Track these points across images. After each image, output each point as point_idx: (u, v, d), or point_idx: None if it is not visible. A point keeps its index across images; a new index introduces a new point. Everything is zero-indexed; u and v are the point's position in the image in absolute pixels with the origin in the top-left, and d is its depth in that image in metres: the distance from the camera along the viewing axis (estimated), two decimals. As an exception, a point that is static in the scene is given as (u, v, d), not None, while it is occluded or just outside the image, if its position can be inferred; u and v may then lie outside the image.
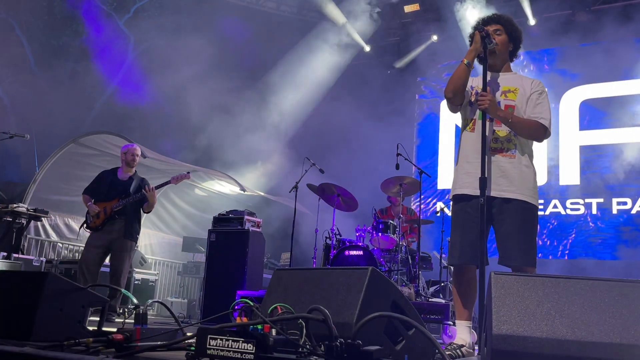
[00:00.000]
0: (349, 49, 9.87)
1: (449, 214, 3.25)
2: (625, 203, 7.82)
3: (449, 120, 9.20)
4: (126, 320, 2.18)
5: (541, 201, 8.19)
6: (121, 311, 5.15)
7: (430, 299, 5.21)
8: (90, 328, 2.25)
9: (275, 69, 9.63)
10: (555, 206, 8.27)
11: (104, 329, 2.23)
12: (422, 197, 5.86)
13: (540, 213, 2.92)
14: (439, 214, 6.76)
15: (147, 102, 9.21)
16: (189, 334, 1.97)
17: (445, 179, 9.00)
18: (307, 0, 9.89)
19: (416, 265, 5.57)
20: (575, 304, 1.85)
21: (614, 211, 7.87)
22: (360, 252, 5.45)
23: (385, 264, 5.59)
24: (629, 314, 1.78)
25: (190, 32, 8.71)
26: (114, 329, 1.97)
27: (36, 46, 9.28)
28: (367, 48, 10.15)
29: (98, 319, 2.33)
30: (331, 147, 8.93)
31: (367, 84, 9.71)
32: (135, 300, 2.33)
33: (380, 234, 5.72)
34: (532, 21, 8.60)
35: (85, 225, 5.17)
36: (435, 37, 9.49)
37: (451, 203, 2.97)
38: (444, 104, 6.64)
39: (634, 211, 7.75)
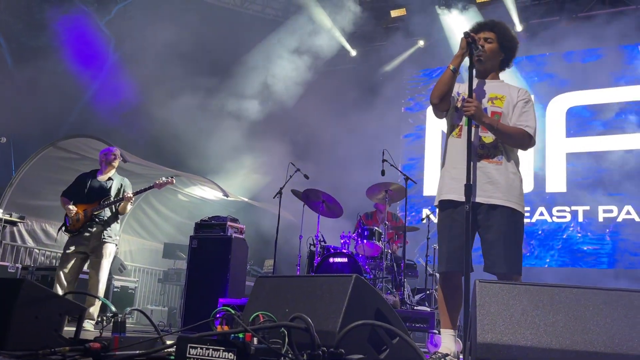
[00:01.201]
0: (334, 52, 9.86)
1: (435, 220, 3.25)
2: (611, 211, 7.82)
3: (435, 126, 9.19)
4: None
5: (527, 208, 8.26)
6: (99, 319, 5.03)
7: (415, 307, 5.21)
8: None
9: (261, 73, 9.58)
10: (541, 214, 8.25)
11: (81, 337, 2.17)
12: (407, 203, 5.83)
13: (526, 221, 2.93)
14: (424, 221, 6.76)
15: (128, 105, 9.08)
16: (168, 342, 1.93)
17: (431, 185, 8.96)
18: (293, 3, 9.88)
19: (401, 273, 5.56)
20: (559, 312, 1.85)
21: (600, 219, 7.85)
22: (345, 260, 5.42)
23: (370, 271, 5.57)
24: (612, 322, 1.79)
25: (175, 35, 8.61)
26: (92, 338, 1.94)
27: (14, 46, 9.09)
28: (354, 52, 10.19)
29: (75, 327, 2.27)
30: (316, 152, 8.91)
31: (353, 89, 9.71)
32: (113, 308, 2.28)
33: (365, 240, 5.70)
34: (519, 27, 8.64)
35: (63, 228, 5.06)
36: (421, 43, 9.56)
37: (437, 209, 2.96)
38: (430, 110, 6.66)
39: (619, 219, 7.74)
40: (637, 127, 7.92)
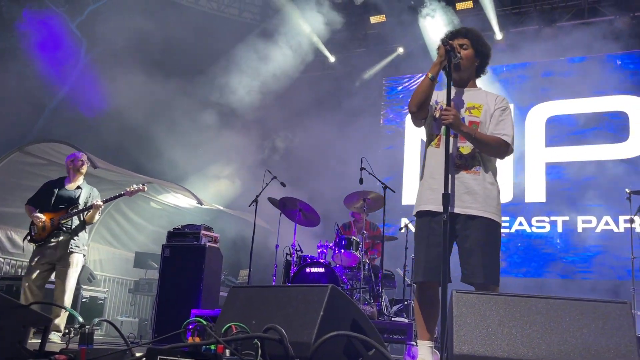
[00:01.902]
0: (313, 58, 9.83)
1: (413, 230, 3.22)
2: (590, 221, 7.83)
3: (413, 135, 9.15)
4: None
5: (507, 218, 8.14)
6: (66, 331, 4.86)
7: (393, 318, 5.17)
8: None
9: (236, 79, 9.48)
10: (520, 224, 8.20)
11: (47, 349, 2.09)
12: (385, 212, 5.81)
13: (505, 231, 2.95)
14: (402, 230, 6.73)
15: (99, 110, 8.88)
16: (137, 354, 1.87)
17: (409, 194, 8.88)
18: (271, 7, 9.83)
19: (379, 283, 5.53)
20: (536, 323, 1.85)
21: (579, 229, 7.85)
22: (322, 269, 5.36)
23: (347, 281, 5.51)
24: (589, 333, 1.79)
25: (149, 38, 8.47)
26: (57, 350, 1.89)
27: (-19, 48, 8.83)
28: (332, 59, 10.14)
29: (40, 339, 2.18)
30: (293, 160, 8.86)
31: (331, 95, 9.70)
32: (80, 319, 2.21)
33: (342, 250, 5.64)
34: (498, 35, 8.71)
35: (29, 237, 4.88)
36: (401, 50, 9.58)
37: (415, 219, 2.95)
38: (408, 119, 6.65)
39: (598, 230, 7.74)
40: (617, 138, 7.97)
